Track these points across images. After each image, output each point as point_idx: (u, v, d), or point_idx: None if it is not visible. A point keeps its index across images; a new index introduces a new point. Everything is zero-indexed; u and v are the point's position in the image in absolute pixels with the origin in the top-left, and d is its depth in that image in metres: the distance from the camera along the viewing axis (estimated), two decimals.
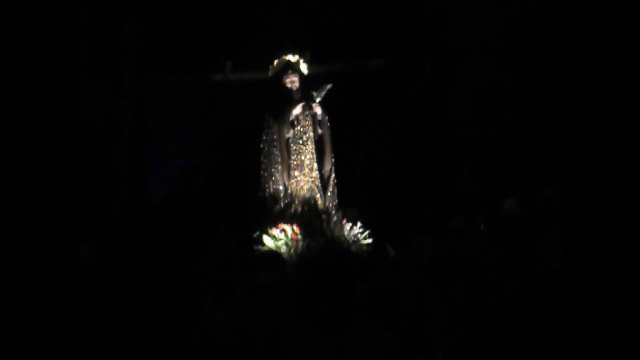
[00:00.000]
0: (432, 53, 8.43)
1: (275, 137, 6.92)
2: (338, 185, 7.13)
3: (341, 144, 7.41)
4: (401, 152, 8.54)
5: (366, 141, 8.54)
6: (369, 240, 6.72)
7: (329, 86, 7.10)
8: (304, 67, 7.18)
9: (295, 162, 6.88)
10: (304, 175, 6.87)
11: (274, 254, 6.00)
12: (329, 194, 7.00)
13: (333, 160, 7.09)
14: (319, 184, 6.94)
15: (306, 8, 8.45)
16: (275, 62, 7.17)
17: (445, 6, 8.25)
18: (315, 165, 6.94)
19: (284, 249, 6.31)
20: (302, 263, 5.55)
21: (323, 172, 7.02)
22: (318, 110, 7.00)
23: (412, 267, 4.79)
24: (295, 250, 6.31)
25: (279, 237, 6.40)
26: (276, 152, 6.90)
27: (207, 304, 3.08)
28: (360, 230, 6.74)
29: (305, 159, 6.89)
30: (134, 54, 8.23)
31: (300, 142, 6.92)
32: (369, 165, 8.54)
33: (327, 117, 7.09)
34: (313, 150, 6.96)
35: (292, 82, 7.04)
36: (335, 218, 6.80)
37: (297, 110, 6.91)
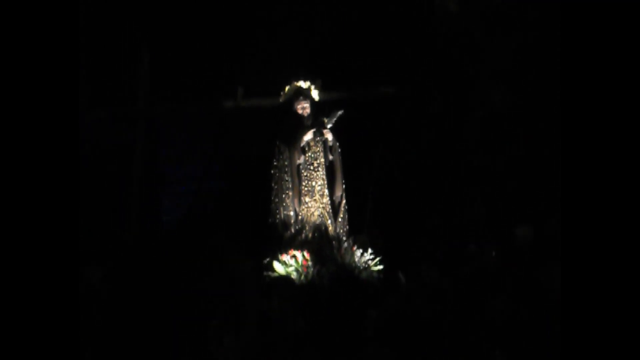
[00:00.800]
0: (443, 79, 8.44)
1: (286, 163, 6.93)
2: (349, 211, 7.11)
3: (352, 170, 7.41)
4: (413, 178, 8.52)
5: (377, 167, 8.53)
6: (380, 267, 6.68)
7: (340, 112, 7.11)
8: (315, 93, 7.22)
9: (306, 188, 6.87)
10: (314, 201, 6.86)
11: (285, 279, 5.98)
12: (339, 220, 6.98)
13: (344, 186, 7.08)
14: (330, 210, 6.92)
15: (318, 34, 8.52)
16: (287, 88, 7.21)
17: (457, 32, 8.27)
18: (326, 192, 6.94)
19: (294, 275, 6.29)
20: (312, 289, 5.52)
21: (334, 198, 7.01)
22: (329, 136, 7.01)
23: (423, 295, 4.75)
24: (306, 276, 6.28)
25: (289, 264, 6.38)
26: (287, 178, 6.90)
27: (214, 329, 3.06)
28: (371, 256, 6.71)
29: (316, 185, 6.89)
30: (147, 80, 8.31)
31: (311, 168, 6.93)
32: (380, 192, 8.52)
33: (338, 143, 7.10)
34: (324, 177, 6.95)
35: (303, 108, 7.07)
36: (346, 244, 6.78)
37: (308, 136, 6.93)
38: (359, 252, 6.71)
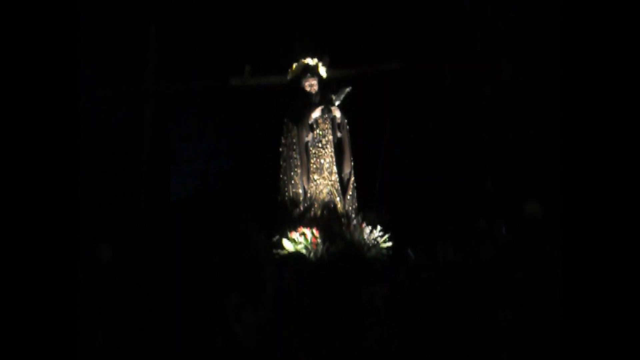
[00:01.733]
0: (452, 55, 8.37)
1: (294, 140, 6.92)
2: (357, 188, 7.11)
3: (361, 147, 7.39)
4: (422, 154, 8.49)
5: (386, 144, 8.51)
6: (389, 244, 6.69)
7: (348, 89, 7.09)
8: (322, 71, 7.18)
9: (314, 166, 6.87)
10: (323, 178, 6.86)
11: (298, 255, 5.96)
12: (348, 197, 6.98)
13: (352, 163, 7.07)
14: (339, 188, 6.92)
15: (325, 11, 8.45)
16: (294, 65, 7.17)
17: (466, 7, 8.18)
18: (335, 169, 6.93)
19: (303, 253, 6.30)
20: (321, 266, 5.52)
21: (342, 175, 7.01)
22: (337, 113, 6.99)
23: (434, 271, 4.76)
24: (315, 253, 6.30)
25: (298, 241, 6.39)
26: (295, 156, 6.89)
27: (231, 304, 3.05)
28: (380, 233, 6.72)
29: (325, 163, 6.89)
30: (156, 59, 8.27)
31: (320, 145, 6.92)
32: (389, 168, 8.51)
33: (346, 121, 7.08)
34: (332, 154, 6.95)
35: (311, 85, 7.04)
36: (354, 221, 6.78)
37: (316, 113, 6.91)
38: (367, 229, 6.71)
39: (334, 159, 6.94)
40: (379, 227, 6.75)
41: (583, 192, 2.19)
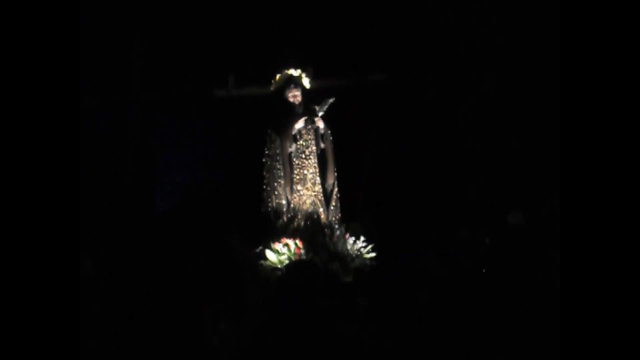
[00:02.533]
0: (436, 64, 8.41)
1: (277, 151, 6.92)
2: (341, 199, 7.11)
3: (344, 158, 7.40)
4: (406, 164, 8.51)
5: (370, 154, 8.52)
6: (372, 254, 6.70)
7: (331, 100, 7.11)
8: (306, 82, 7.19)
9: (297, 177, 6.87)
10: (306, 189, 6.86)
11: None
12: (331, 208, 6.99)
13: (336, 174, 7.08)
14: (322, 198, 6.92)
15: (309, 22, 8.47)
16: (278, 76, 7.17)
17: (450, 16, 8.22)
18: (318, 180, 6.94)
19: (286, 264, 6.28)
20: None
21: (326, 186, 7.01)
22: (320, 124, 7.01)
23: (417, 280, 4.77)
24: None
25: (282, 252, 6.38)
26: (279, 167, 6.89)
27: (210, 315, 3.01)
28: (364, 244, 6.72)
29: (308, 173, 6.89)
30: (140, 68, 8.23)
31: (303, 156, 6.92)
32: (374, 178, 8.51)
33: (329, 131, 7.09)
34: (316, 165, 6.95)
35: (295, 96, 7.05)
36: (338, 232, 6.79)
37: (300, 124, 6.92)
38: (351, 240, 6.72)
39: (317, 170, 6.95)
40: (362, 238, 6.76)
41: (579, 195, 2.21)
